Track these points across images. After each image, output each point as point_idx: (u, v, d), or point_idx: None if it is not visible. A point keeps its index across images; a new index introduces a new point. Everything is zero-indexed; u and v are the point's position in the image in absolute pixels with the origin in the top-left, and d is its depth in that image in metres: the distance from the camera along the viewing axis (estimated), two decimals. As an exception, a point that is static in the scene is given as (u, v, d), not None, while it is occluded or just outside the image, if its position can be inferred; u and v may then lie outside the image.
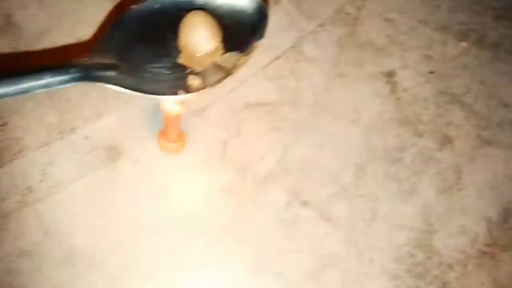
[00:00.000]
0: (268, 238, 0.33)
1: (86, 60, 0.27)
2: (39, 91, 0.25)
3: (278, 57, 0.40)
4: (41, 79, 0.25)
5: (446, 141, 0.37)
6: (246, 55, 0.30)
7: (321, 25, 0.42)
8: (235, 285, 0.31)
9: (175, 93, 0.29)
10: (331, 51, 0.41)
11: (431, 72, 0.41)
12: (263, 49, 0.32)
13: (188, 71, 0.30)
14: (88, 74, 0.27)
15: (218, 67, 0.30)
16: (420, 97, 0.39)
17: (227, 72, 0.30)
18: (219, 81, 0.29)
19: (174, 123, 0.33)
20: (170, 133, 0.34)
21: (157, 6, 0.31)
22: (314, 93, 0.39)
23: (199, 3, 0.31)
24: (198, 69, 0.30)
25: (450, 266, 0.33)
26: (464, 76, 0.41)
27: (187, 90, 0.29)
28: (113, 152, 0.35)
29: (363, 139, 0.37)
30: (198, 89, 0.29)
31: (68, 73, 0.26)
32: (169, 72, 0.30)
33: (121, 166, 0.34)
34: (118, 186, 0.34)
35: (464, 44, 0.43)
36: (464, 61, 0.42)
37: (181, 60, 0.30)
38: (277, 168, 0.35)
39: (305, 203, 0.34)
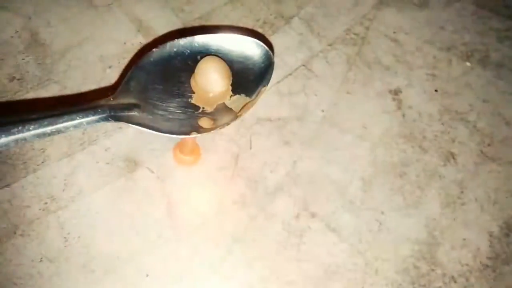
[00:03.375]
0: (278, 248, 0.34)
1: (111, 100, 0.30)
2: (71, 130, 0.27)
3: (289, 75, 0.42)
4: (74, 119, 0.27)
5: (449, 157, 0.39)
6: (252, 99, 0.32)
7: (330, 45, 0.44)
8: (245, 293, 0.33)
9: (188, 133, 0.31)
10: (340, 69, 0.43)
11: (436, 90, 0.42)
12: (275, 67, 0.34)
13: (199, 111, 0.32)
14: (114, 115, 0.29)
15: (226, 108, 0.32)
16: (425, 114, 0.41)
17: (234, 114, 0.32)
18: (228, 123, 0.31)
19: (189, 138, 0.34)
20: (185, 146, 0.36)
21: (175, 49, 0.33)
22: (323, 109, 0.40)
23: (212, 49, 0.34)
24: (208, 109, 0.32)
25: (453, 278, 0.34)
26: (468, 95, 0.42)
27: (199, 130, 0.31)
28: (132, 164, 0.37)
29: (370, 154, 0.38)
30: (208, 130, 0.31)
31: (96, 113, 0.28)
32: (182, 111, 0.32)
33: (139, 177, 0.36)
34: (136, 196, 0.35)
35: (468, 63, 0.44)
36: (468, 80, 0.43)
37: (193, 100, 0.33)
38: (287, 181, 0.37)
39: (313, 215, 0.35)
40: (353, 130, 0.40)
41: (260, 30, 0.44)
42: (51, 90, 0.39)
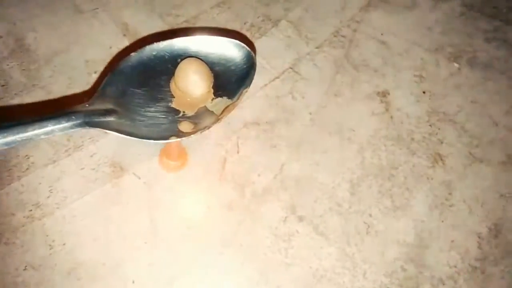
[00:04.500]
0: (266, 252, 0.34)
1: (86, 106, 0.29)
2: (43, 137, 0.26)
3: (276, 78, 0.42)
4: (45, 127, 0.26)
5: (438, 158, 0.39)
6: (234, 101, 0.32)
7: (318, 47, 0.44)
8: (233, 298, 0.32)
9: (167, 138, 0.30)
10: (328, 72, 0.43)
11: (424, 92, 0.42)
12: (262, 70, 0.33)
13: (180, 115, 0.32)
14: (89, 121, 0.28)
15: (207, 112, 0.32)
16: (413, 116, 0.41)
17: (215, 117, 0.31)
18: (208, 126, 0.30)
19: (174, 143, 0.34)
20: (171, 152, 0.36)
21: (154, 53, 0.33)
22: (310, 111, 0.40)
23: (192, 51, 0.33)
24: (189, 113, 0.32)
25: (441, 281, 0.34)
26: (456, 96, 0.42)
27: (178, 134, 0.30)
28: (118, 169, 0.36)
29: (358, 156, 0.38)
30: (188, 134, 0.30)
31: (70, 120, 0.27)
32: (163, 116, 0.32)
33: (125, 183, 0.36)
34: (122, 202, 0.35)
35: (456, 65, 0.44)
36: (456, 81, 0.43)
37: (174, 104, 0.32)
38: (274, 185, 0.37)
39: (301, 219, 0.35)
40: (341, 133, 0.39)
41: (247, 33, 0.44)
42: (36, 96, 0.39)
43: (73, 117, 0.27)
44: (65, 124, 0.27)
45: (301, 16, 0.46)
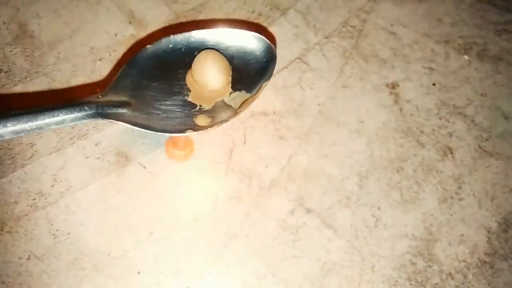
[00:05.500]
0: (273, 244, 0.33)
1: (99, 97, 0.29)
2: (53, 127, 0.26)
3: (284, 68, 0.41)
4: (56, 116, 0.26)
5: (447, 151, 0.38)
6: (252, 95, 0.31)
7: (326, 37, 0.43)
8: (240, 290, 0.32)
9: (183, 131, 0.29)
10: (336, 62, 0.42)
11: (434, 84, 0.42)
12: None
13: (196, 109, 0.31)
14: (101, 112, 0.28)
15: (225, 105, 0.31)
16: (423, 108, 0.40)
17: (233, 111, 0.31)
18: (226, 120, 0.30)
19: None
20: (178, 141, 0.35)
21: (171, 46, 0.32)
22: (318, 103, 0.40)
23: (209, 44, 0.32)
24: (206, 107, 0.31)
25: (450, 275, 0.33)
26: (466, 88, 0.42)
27: (195, 128, 0.30)
28: (123, 158, 0.36)
29: (367, 149, 0.38)
30: (205, 128, 0.30)
31: (82, 110, 0.27)
32: (178, 109, 0.31)
33: (130, 172, 0.35)
34: (127, 191, 0.35)
35: (466, 57, 0.44)
36: (466, 73, 0.43)
37: (190, 98, 0.31)
38: (282, 176, 0.36)
39: (308, 211, 0.35)
40: (350, 125, 0.39)
41: (255, 22, 0.43)
42: (40, 83, 0.38)
43: (86, 107, 0.27)
44: (77, 114, 0.27)
45: (310, 5, 0.45)
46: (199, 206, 0.35)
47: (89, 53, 0.40)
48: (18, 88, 0.38)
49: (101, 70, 0.39)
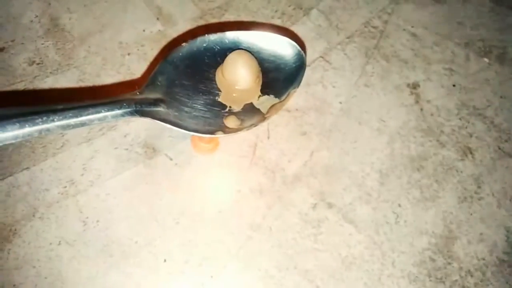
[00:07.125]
0: (295, 237, 0.34)
1: (137, 94, 0.29)
2: (96, 123, 0.27)
3: (307, 66, 0.42)
4: (99, 112, 0.27)
5: (467, 151, 0.39)
6: (281, 100, 0.32)
7: (349, 37, 0.44)
8: (264, 280, 0.33)
9: (213, 132, 0.30)
10: (358, 62, 0.43)
11: (454, 85, 0.42)
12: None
13: (226, 110, 0.32)
14: (139, 109, 0.28)
15: (254, 109, 0.32)
16: (443, 108, 0.41)
17: (262, 116, 0.31)
18: (255, 124, 0.30)
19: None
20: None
21: (205, 45, 0.33)
22: (340, 101, 0.40)
23: (243, 46, 0.33)
24: (235, 108, 0.32)
25: (469, 272, 0.34)
26: (486, 90, 0.42)
27: (224, 130, 0.30)
28: (150, 150, 0.37)
29: (387, 147, 0.38)
30: (234, 131, 0.30)
31: (122, 107, 0.28)
32: (209, 109, 0.31)
33: (157, 164, 0.36)
34: (154, 182, 0.35)
35: (485, 59, 0.44)
36: (486, 75, 0.43)
37: (221, 98, 0.32)
38: (304, 171, 0.37)
39: (330, 206, 0.36)
40: (371, 123, 0.39)
41: (278, 21, 0.44)
42: (71, 76, 0.39)
43: (125, 104, 0.28)
44: (117, 111, 0.27)
45: (332, 5, 0.46)
46: (224, 198, 0.36)
47: (118, 48, 0.41)
48: (50, 79, 0.39)
49: (129, 64, 0.40)
